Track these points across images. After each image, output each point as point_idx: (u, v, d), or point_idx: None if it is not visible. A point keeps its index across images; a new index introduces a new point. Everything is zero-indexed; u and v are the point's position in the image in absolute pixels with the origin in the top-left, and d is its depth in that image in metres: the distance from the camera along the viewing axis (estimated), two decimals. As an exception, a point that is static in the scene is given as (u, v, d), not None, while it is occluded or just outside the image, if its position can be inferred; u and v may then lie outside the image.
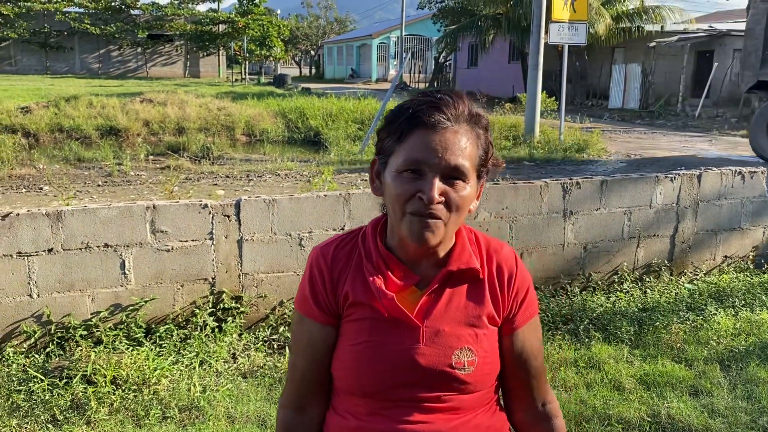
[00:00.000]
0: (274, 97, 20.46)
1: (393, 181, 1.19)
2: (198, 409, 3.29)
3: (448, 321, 1.25)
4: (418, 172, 1.17)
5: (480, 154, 1.22)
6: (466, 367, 1.23)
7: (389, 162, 1.21)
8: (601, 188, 5.02)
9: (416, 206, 1.16)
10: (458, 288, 1.27)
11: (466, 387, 1.25)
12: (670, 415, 3.27)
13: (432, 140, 1.16)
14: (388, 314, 1.24)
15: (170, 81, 33.37)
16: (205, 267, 4.10)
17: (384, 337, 1.24)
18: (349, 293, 1.27)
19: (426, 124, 1.16)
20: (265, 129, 15.21)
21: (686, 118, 20.97)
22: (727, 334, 4.26)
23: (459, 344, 1.24)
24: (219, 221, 4.09)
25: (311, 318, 1.30)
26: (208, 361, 3.73)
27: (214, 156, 12.41)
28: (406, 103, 1.21)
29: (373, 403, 1.25)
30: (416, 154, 1.16)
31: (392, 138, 1.20)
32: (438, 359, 1.23)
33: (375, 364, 1.23)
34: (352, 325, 1.27)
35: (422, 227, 1.17)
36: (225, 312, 4.12)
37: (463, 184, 1.18)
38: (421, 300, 1.25)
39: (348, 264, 1.29)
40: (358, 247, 1.30)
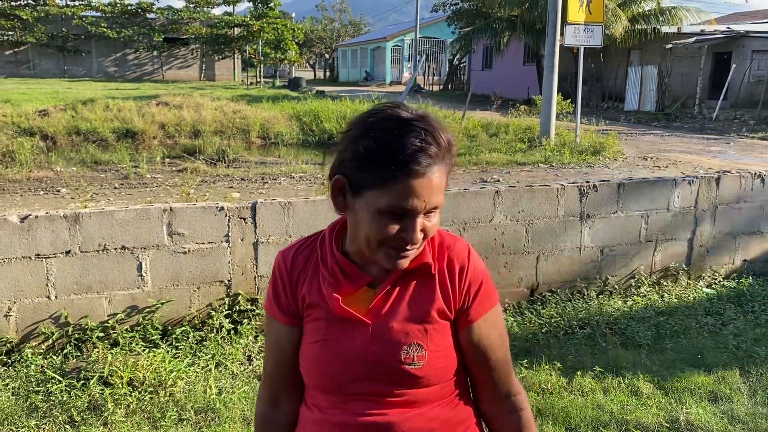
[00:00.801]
0: (289, 100, 20.53)
1: (372, 219, 1.19)
2: (214, 411, 3.30)
3: (398, 318, 1.28)
4: (400, 214, 1.19)
5: (448, 178, 1.25)
6: (416, 362, 1.26)
7: (363, 194, 1.19)
8: (618, 191, 4.98)
9: (397, 243, 1.20)
10: (409, 285, 1.31)
11: (418, 381, 1.27)
12: (689, 420, 3.23)
13: (419, 187, 1.16)
14: (338, 314, 1.29)
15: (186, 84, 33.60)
16: (221, 269, 4.11)
17: (338, 335, 1.29)
18: (306, 295, 1.32)
19: (412, 174, 1.15)
20: (279, 132, 15.26)
21: (703, 120, 20.76)
22: (747, 339, 4.21)
23: (408, 340, 1.27)
24: (235, 224, 4.10)
25: (275, 319, 1.36)
26: (224, 363, 3.74)
27: (229, 159, 12.46)
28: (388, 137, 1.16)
29: (333, 397, 1.30)
30: (403, 203, 1.16)
31: (371, 176, 1.17)
32: (387, 355, 1.26)
33: (330, 360, 1.29)
34: (311, 324, 1.32)
35: (400, 259, 1.23)
36: (241, 314, 4.13)
37: (437, 213, 1.23)
38: (374, 299, 1.29)
39: (306, 267, 1.35)
40: (316, 251, 1.35)
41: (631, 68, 25.37)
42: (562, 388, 3.60)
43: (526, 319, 4.45)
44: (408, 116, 1.19)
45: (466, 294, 1.31)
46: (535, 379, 3.65)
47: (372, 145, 1.17)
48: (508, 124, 15.17)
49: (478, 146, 13.13)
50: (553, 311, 4.55)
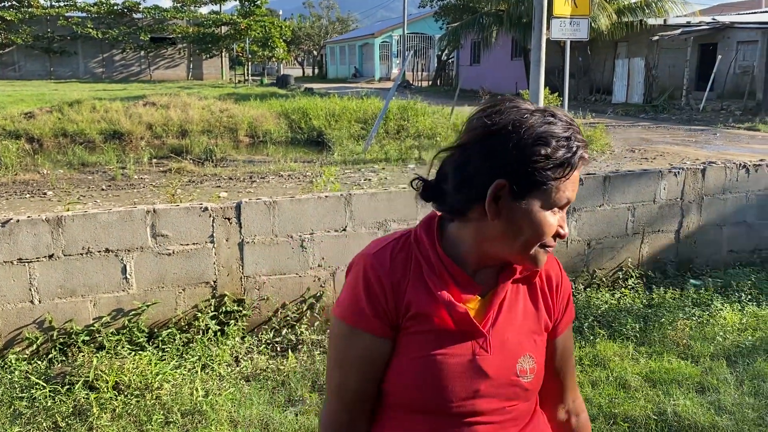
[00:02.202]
0: (277, 98, 20.45)
1: (542, 218, 1.15)
2: (201, 413, 3.28)
3: (512, 329, 1.24)
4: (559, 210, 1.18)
5: None
6: (528, 375, 1.23)
7: (531, 195, 1.13)
8: (604, 184, 4.98)
9: (551, 243, 1.18)
10: (518, 295, 1.27)
11: (526, 394, 1.25)
12: (677, 412, 3.24)
13: (577, 180, 1.18)
14: (456, 326, 1.19)
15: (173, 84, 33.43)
16: (207, 270, 4.09)
17: (451, 349, 1.19)
18: (411, 303, 1.19)
19: (580, 166, 1.15)
20: (268, 130, 15.20)
21: (691, 111, 20.86)
22: (733, 329, 4.23)
23: (522, 351, 1.24)
24: (219, 224, 4.07)
25: (368, 331, 1.20)
26: (211, 365, 3.72)
27: (217, 158, 12.41)
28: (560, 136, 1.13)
29: (435, 420, 1.20)
30: (570, 194, 1.16)
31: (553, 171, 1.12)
32: (505, 368, 1.22)
33: (442, 377, 1.18)
34: (413, 337, 1.20)
35: (545, 257, 1.20)
36: (227, 315, 4.10)
37: None
38: (488, 309, 1.22)
39: (407, 272, 1.20)
40: (413, 254, 1.22)
41: (618, 61, 25.46)
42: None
43: (515, 314, 4.45)
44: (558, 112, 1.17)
45: (561, 306, 1.33)
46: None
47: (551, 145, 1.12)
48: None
49: (467, 141, 13.12)
50: (541, 305, 4.54)
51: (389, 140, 13.52)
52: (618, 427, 3.15)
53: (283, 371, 3.72)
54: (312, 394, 3.51)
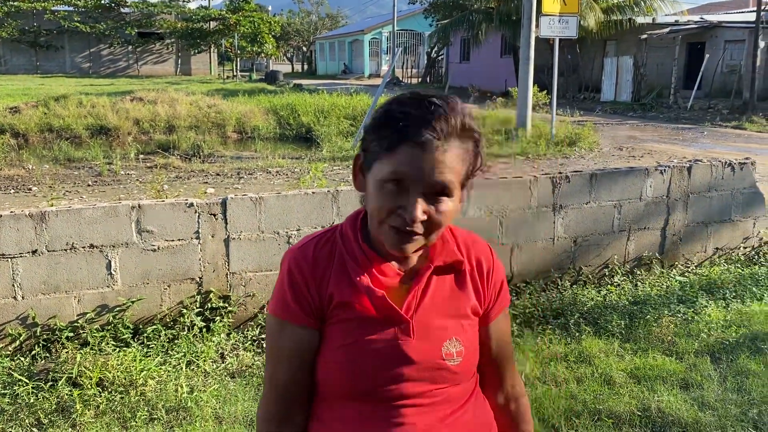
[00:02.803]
0: (266, 94, 20.38)
1: (375, 189, 1.17)
2: (185, 410, 3.26)
3: (436, 313, 1.26)
4: (402, 186, 1.15)
5: (467, 169, 1.19)
6: (455, 358, 1.25)
7: (373, 166, 1.18)
8: (591, 182, 5.00)
9: (397, 222, 1.16)
10: (443, 281, 1.28)
11: (455, 377, 1.26)
12: (660, 408, 3.26)
13: (419, 158, 1.13)
14: (378, 312, 1.22)
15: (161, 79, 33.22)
16: (192, 266, 4.06)
17: (374, 335, 1.22)
18: (334, 294, 1.23)
19: (414, 140, 1.12)
20: (256, 126, 15.13)
21: (678, 110, 20.99)
22: (717, 326, 4.25)
23: (447, 335, 1.25)
24: (205, 220, 4.05)
25: (296, 323, 1.24)
26: (196, 361, 3.70)
27: (204, 154, 12.34)
28: (397, 108, 1.16)
29: (363, 405, 1.23)
30: (402, 170, 1.13)
31: (379, 144, 1.17)
32: (429, 352, 1.23)
33: (366, 362, 1.22)
34: (337, 326, 1.24)
35: (401, 241, 1.17)
36: (213, 311, 4.08)
37: (447, 200, 1.17)
38: (409, 295, 1.24)
39: (330, 263, 1.26)
40: (338, 246, 1.28)
41: (607, 59, 25.56)
42: (535, 378, 3.61)
43: (501, 311, 4.46)
44: (428, 94, 1.17)
45: (492, 292, 1.34)
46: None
47: (382, 114, 1.18)
48: (486, 116, 15.19)
49: (456, 138, 13.12)
50: (527, 302, 4.56)
51: (378, 137, 13.48)
52: (602, 423, 3.16)
53: (269, 368, 3.70)
54: (298, 391, 3.50)
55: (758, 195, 5.59)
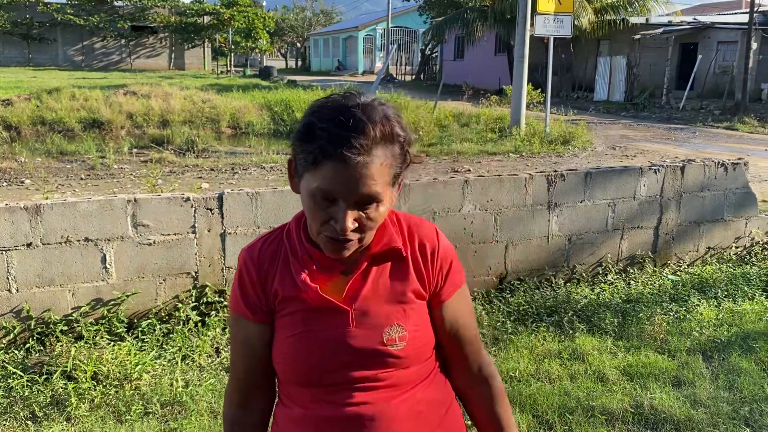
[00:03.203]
0: (260, 90, 20.33)
1: (307, 199, 1.21)
2: (180, 404, 3.27)
3: (376, 301, 1.29)
4: (331, 198, 1.18)
5: (395, 171, 1.22)
6: (398, 343, 1.28)
7: (304, 175, 1.21)
8: (586, 180, 5.02)
9: (330, 232, 1.20)
10: (383, 268, 1.32)
11: (400, 362, 1.28)
12: (653, 405, 3.28)
13: (343, 174, 1.15)
14: (318, 304, 1.28)
15: (154, 73, 33.07)
16: (188, 261, 4.06)
17: (316, 326, 1.28)
18: (278, 290, 1.31)
19: (336, 157, 1.14)
20: (250, 122, 15.12)
21: (671, 110, 21.09)
22: (709, 324, 4.29)
23: (389, 322, 1.28)
24: (201, 215, 4.05)
25: (245, 318, 1.33)
26: (191, 355, 3.70)
27: (198, 149, 12.32)
28: (317, 122, 1.17)
29: (315, 390, 1.29)
30: (328, 186, 1.16)
31: (304, 158, 1.19)
32: (369, 339, 1.27)
33: (310, 351, 1.28)
34: (285, 319, 1.31)
35: (337, 249, 1.22)
36: (208, 306, 4.08)
37: (377, 204, 1.21)
38: (348, 285, 1.29)
39: (275, 261, 1.33)
40: (283, 244, 1.34)
41: (600, 58, 25.64)
42: (530, 375, 3.63)
43: (495, 308, 4.48)
44: (348, 103, 1.18)
45: (439, 274, 1.34)
46: (504, 367, 3.68)
47: (304, 127, 1.20)
48: (480, 114, 15.23)
49: (450, 136, 13.17)
50: (521, 299, 4.58)
51: (372, 134, 13.49)
52: (595, 419, 3.19)
53: (264, 363, 3.71)
54: (293, 386, 3.51)
55: (751, 195, 5.63)
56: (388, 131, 1.19)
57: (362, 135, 1.15)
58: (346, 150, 1.14)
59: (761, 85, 21.53)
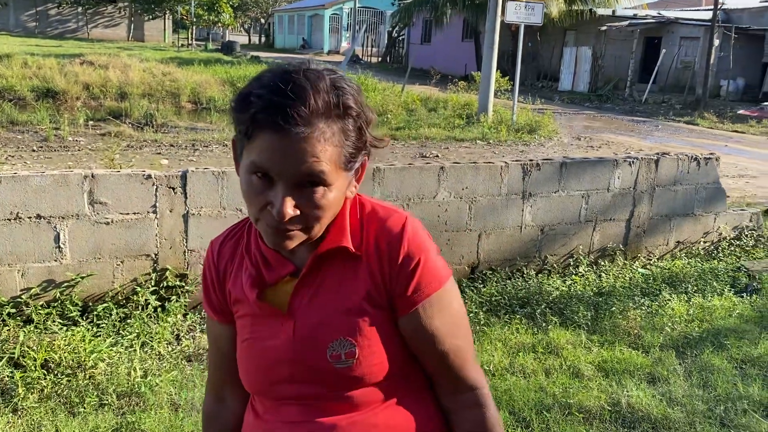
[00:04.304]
0: (222, 65, 19.83)
1: (244, 181, 1.05)
2: (139, 395, 3.07)
3: (320, 309, 1.12)
4: (268, 179, 1.01)
5: (347, 150, 1.04)
6: (344, 360, 1.09)
7: (243, 152, 1.05)
8: (561, 170, 4.94)
9: (268, 219, 1.03)
10: (331, 271, 1.13)
11: (350, 381, 1.11)
12: (630, 404, 3.22)
13: (279, 147, 0.98)
14: (261, 310, 1.15)
15: (113, 44, 31.97)
16: (148, 242, 3.83)
17: (262, 333, 1.16)
18: (231, 290, 1.20)
19: (270, 128, 0.98)
20: (212, 97, 14.70)
21: (633, 102, 21.34)
22: (681, 320, 4.26)
23: (334, 335, 1.10)
24: (163, 193, 3.82)
25: (211, 317, 1.26)
26: (150, 343, 3.49)
27: (157, 123, 11.91)
28: (256, 89, 1.01)
29: (264, 400, 1.20)
30: (262, 161, 1.00)
31: (239, 130, 1.04)
32: (311, 354, 1.11)
33: (254, 360, 1.17)
34: (239, 322, 1.21)
35: (278, 239, 1.05)
36: (169, 290, 3.87)
37: (324, 188, 1.02)
38: (294, 289, 1.13)
39: (233, 258, 1.21)
40: (243, 239, 1.21)
41: (566, 49, 25.78)
42: (504, 369, 3.54)
43: (467, 298, 4.37)
44: (291, 69, 1.02)
45: (400, 275, 1.10)
46: (478, 360, 3.57)
47: (240, 95, 1.04)
48: (447, 99, 15.13)
49: (418, 120, 13.03)
50: (493, 289, 4.49)
51: (338, 115, 13.27)
52: (573, 417, 3.11)
53: (228, 351, 3.53)
54: (259, 377, 3.34)
55: (720, 191, 5.64)
56: (336, 102, 1.01)
57: (301, 102, 0.98)
58: (281, 119, 0.97)
59: (720, 82, 21.95)
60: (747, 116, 17.60)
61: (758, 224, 5.90)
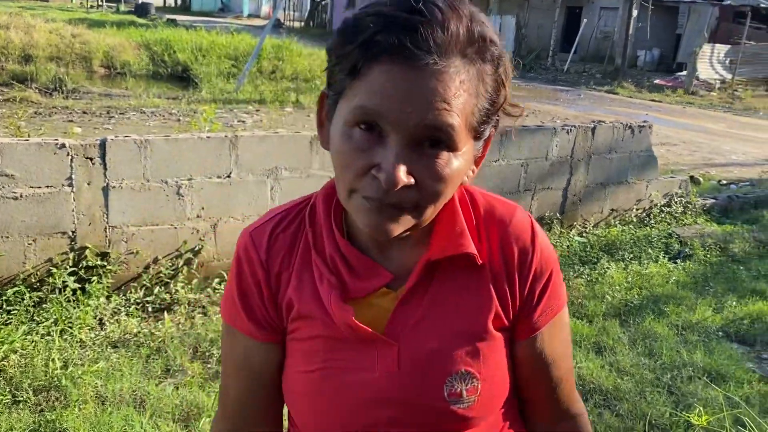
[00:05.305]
0: (137, 27, 18.77)
1: (340, 138, 0.78)
2: (59, 389, 2.76)
3: (434, 335, 0.86)
4: (375, 131, 0.76)
5: (482, 105, 0.79)
6: (465, 399, 0.86)
7: (339, 104, 0.79)
8: (501, 139, 4.84)
9: (370, 189, 0.76)
10: (446, 284, 0.88)
11: (467, 423, 0.88)
12: (581, 375, 3.18)
13: (400, 82, 0.72)
14: (348, 333, 0.86)
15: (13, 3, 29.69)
16: (64, 218, 3.47)
17: (346, 363, 0.87)
18: (293, 301, 0.88)
19: (392, 54, 0.72)
20: (126, 61, 13.88)
21: (556, 72, 21.72)
22: (621, 287, 4.28)
23: (453, 367, 0.86)
24: (79, 164, 3.45)
25: (245, 333, 0.92)
26: (70, 329, 3.17)
27: (68, 89, 11.12)
28: (369, 12, 0.75)
29: None
30: (373, 103, 0.74)
31: (342, 68, 0.77)
32: (425, 390, 0.86)
33: (336, 400, 0.87)
34: (299, 345, 0.90)
35: (380, 218, 0.78)
36: (89, 271, 3.53)
37: (449, 154, 0.77)
38: (396, 306, 0.86)
39: (291, 256, 0.90)
40: (305, 230, 0.90)
41: (490, 17, 25.85)
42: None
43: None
44: None
45: (530, 291, 0.90)
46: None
47: (348, 21, 0.77)
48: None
49: (345, 87, 12.73)
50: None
51: (263, 80, 12.80)
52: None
53: (158, 336, 3.25)
54: (193, 363, 3.09)
55: (653, 158, 5.72)
56: (479, 32, 0.76)
57: (438, 24, 0.72)
58: (410, 41, 0.71)
59: (637, 52, 22.62)
60: (663, 86, 18.24)
61: (687, 191, 6.03)
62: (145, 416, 2.64)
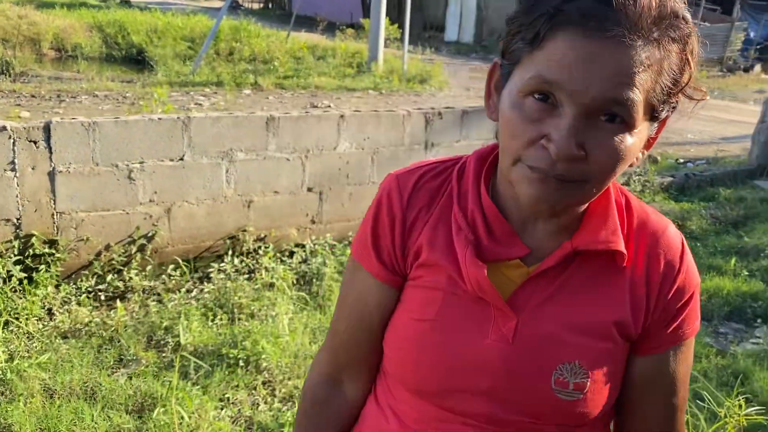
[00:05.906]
0: (88, 8, 18.15)
1: (511, 107, 0.77)
2: (4, 383, 2.64)
3: (557, 320, 0.84)
4: (550, 101, 0.74)
5: (664, 84, 0.76)
6: (571, 391, 0.83)
7: (513, 74, 0.79)
8: (461, 119, 4.81)
9: (537, 159, 0.75)
10: (582, 275, 0.86)
11: (565, 418, 0.85)
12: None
13: (584, 51, 0.71)
14: (473, 290, 0.85)
15: (-43, -18, 28.51)
16: (7, 205, 3.31)
17: (460, 321, 0.86)
18: (422, 248, 0.89)
19: (578, 25, 0.71)
20: (78, 44, 13.43)
21: (516, 53, 21.83)
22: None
23: (568, 356, 0.83)
24: (23, 148, 3.29)
25: (368, 270, 0.93)
26: (16, 321, 3.03)
27: (15, 72, 10.70)
28: None
29: (428, 407, 0.89)
30: (552, 72, 0.73)
31: (523, 37, 0.76)
32: (532, 371, 0.84)
33: (441, 355, 0.86)
34: (418, 292, 0.90)
35: (542, 190, 0.76)
36: (36, 259, 3.38)
37: (623, 129, 0.75)
38: (526, 282, 0.85)
39: (431, 205, 0.90)
40: (450, 185, 0.91)
41: None
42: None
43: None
44: None
45: (667, 307, 0.87)
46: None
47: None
48: (336, 47, 14.68)
49: (306, 69, 12.56)
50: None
51: (221, 62, 12.53)
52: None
53: (111, 325, 3.14)
54: (148, 352, 2.99)
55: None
56: (672, 9, 0.73)
57: (633, 3, 0.70)
58: (600, 12, 0.70)
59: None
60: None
61: (645, 169, 6.10)
62: (96, 408, 2.54)
